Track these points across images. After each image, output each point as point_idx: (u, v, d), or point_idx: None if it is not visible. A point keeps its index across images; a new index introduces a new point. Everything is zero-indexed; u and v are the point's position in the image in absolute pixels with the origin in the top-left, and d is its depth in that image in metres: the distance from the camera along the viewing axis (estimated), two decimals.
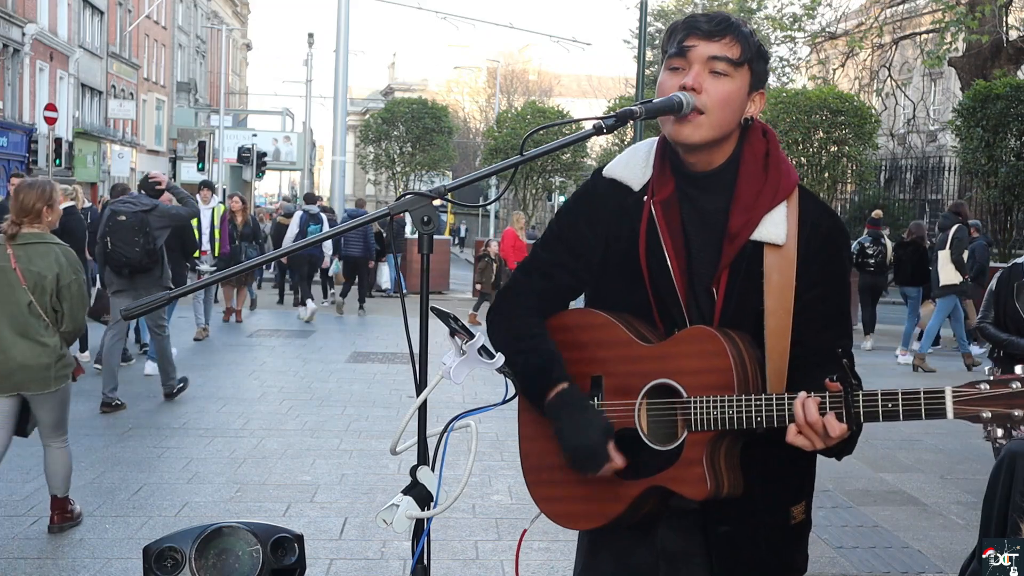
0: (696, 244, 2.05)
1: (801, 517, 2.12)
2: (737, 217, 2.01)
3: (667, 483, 1.97)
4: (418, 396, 1.90)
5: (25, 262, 4.93)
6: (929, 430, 8.27)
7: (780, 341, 1.96)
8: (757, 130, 2.09)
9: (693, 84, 1.97)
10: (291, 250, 2.09)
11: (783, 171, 2.05)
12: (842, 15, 26.13)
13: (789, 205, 2.03)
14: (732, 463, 1.98)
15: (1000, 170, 17.07)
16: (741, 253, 2.01)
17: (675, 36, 2.02)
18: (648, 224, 2.07)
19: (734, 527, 2.05)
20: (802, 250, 2.00)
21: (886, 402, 1.78)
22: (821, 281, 2.01)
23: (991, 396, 1.71)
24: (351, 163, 40.91)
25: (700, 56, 1.98)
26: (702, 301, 2.04)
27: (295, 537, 2.28)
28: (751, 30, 2.03)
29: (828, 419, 1.81)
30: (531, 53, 59.72)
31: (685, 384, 1.96)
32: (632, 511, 2.04)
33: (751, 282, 2.00)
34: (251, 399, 8.88)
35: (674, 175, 2.08)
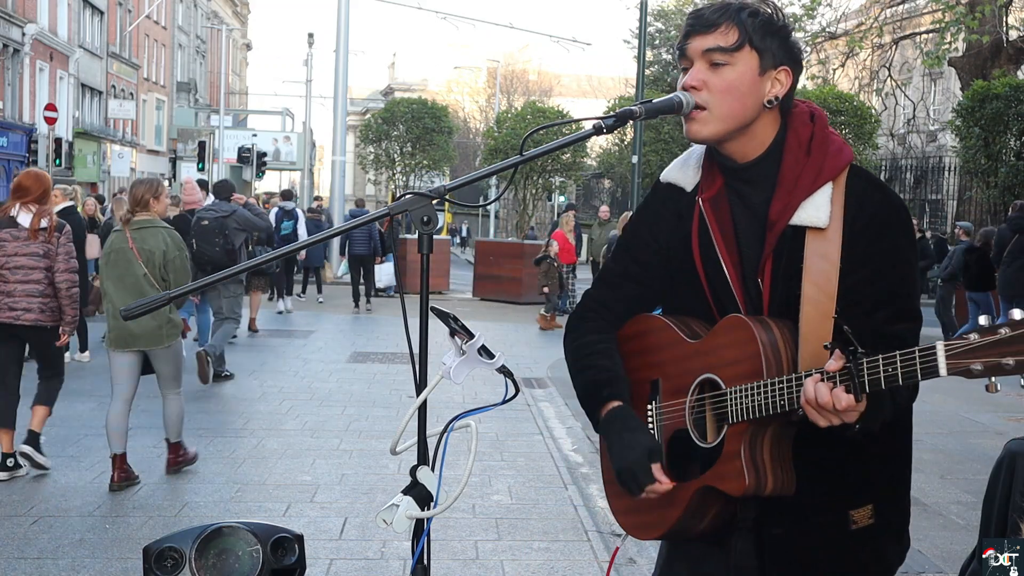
0: (745, 237, 2.02)
1: (866, 522, 2.00)
2: (777, 203, 1.97)
3: (713, 481, 1.93)
4: (418, 396, 1.90)
5: (140, 242, 6.05)
6: (929, 430, 8.27)
7: (818, 326, 1.87)
8: (804, 114, 2.03)
9: (692, 83, 1.97)
10: (292, 250, 2.09)
11: (830, 152, 1.98)
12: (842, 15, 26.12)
13: (836, 186, 1.95)
14: (779, 458, 1.91)
15: (1000, 170, 17.07)
16: (781, 240, 1.96)
17: (680, 34, 2.03)
18: (700, 222, 2.07)
19: (787, 530, 1.99)
20: (847, 231, 1.93)
21: (887, 366, 1.69)
22: (867, 261, 1.92)
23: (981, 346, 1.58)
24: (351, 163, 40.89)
25: (696, 51, 1.97)
26: (753, 295, 2.00)
27: (295, 537, 2.28)
28: (756, 9, 1.97)
29: (836, 394, 1.73)
30: (531, 53, 59.67)
31: (723, 376, 1.93)
32: (691, 515, 1.99)
33: (794, 269, 1.94)
34: (251, 399, 8.88)
35: (721, 172, 2.06)
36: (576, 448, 7.40)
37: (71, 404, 8.22)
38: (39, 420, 6.23)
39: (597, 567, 4.87)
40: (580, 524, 5.50)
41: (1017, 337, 1.55)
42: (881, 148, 24.37)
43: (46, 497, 5.69)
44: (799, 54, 2.03)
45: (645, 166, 20.87)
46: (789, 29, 2.01)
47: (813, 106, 2.08)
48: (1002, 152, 17.32)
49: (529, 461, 6.88)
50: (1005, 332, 1.56)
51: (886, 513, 2.04)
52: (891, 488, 2.06)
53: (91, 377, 9.58)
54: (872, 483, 2.02)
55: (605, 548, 5.11)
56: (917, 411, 2.09)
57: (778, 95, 1.99)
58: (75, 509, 5.50)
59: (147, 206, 6.18)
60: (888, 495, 2.05)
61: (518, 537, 5.28)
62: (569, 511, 5.75)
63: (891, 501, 2.06)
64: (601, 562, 4.91)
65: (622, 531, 2.20)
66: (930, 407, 9.20)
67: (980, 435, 8.29)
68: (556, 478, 6.47)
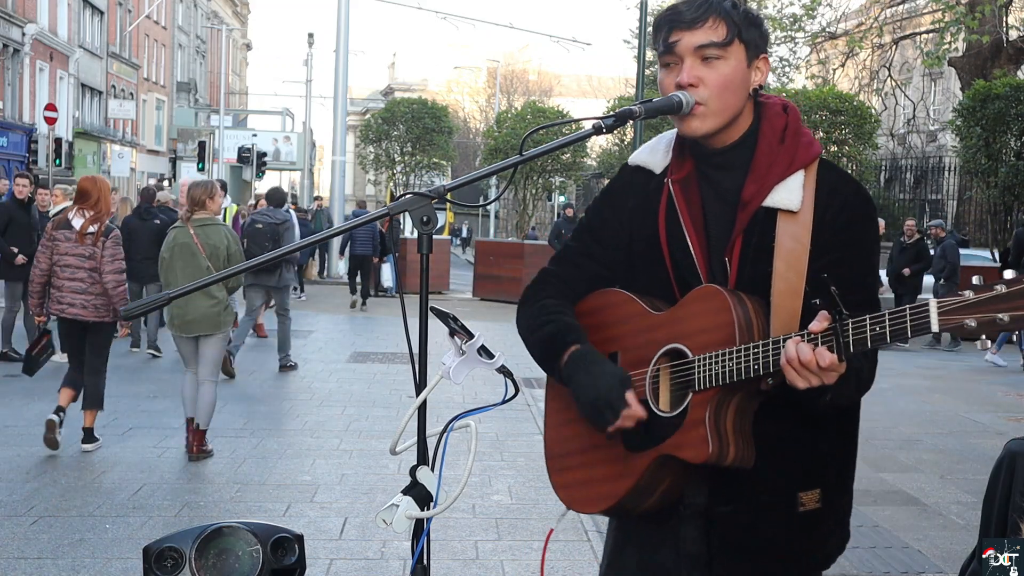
0: (713, 219, 2.04)
1: (813, 506, 2.02)
2: (750, 186, 2.00)
3: (672, 450, 1.93)
4: (418, 396, 1.90)
5: (203, 237, 6.73)
6: (929, 430, 8.27)
7: (789, 301, 1.91)
8: (777, 106, 2.07)
9: (688, 80, 1.97)
10: (292, 250, 2.09)
11: (802, 143, 2.02)
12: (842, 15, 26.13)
13: (807, 174, 2.00)
14: (741, 429, 1.92)
15: (1000, 170, 17.06)
16: (753, 220, 1.99)
17: (660, 33, 2.01)
18: (667, 202, 2.08)
19: (735, 507, 2.00)
20: (818, 217, 1.97)
21: (874, 325, 1.71)
22: (835, 248, 1.97)
23: (975, 302, 1.60)
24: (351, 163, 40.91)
25: (687, 48, 1.97)
26: (718, 274, 2.02)
27: (295, 537, 2.28)
28: (734, 1, 1.99)
29: (819, 351, 1.75)
30: (531, 53, 59.67)
31: (691, 345, 1.94)
32: (643, 489, 1.99)
33: (764, 249, 1.97)
34: (251, 399, 8.88)
35: (692, 156, 2.08)
36: None
37: (71, 404, 8.21)
38: (91, 419, 6.85)
39: (597, 567, 4.86)
40: (580, 524, 5.49)
41: (1013, 294, 1.58)
42: (881, 148, 24.36)
43: (46, 497, 5.69)
44: (769, 39, 2.09)
45: None
46: (761, 18, 2.06)
47: (785, 100, 2.12)
48: (1002, 152, 17.31)
49: (529, 461, 6.88)
50: (1001, 288, 1.59)
51: (832, 499, 2.06)
52: (838, 475, 2.09)
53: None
54: (822, 468, 2.05)
55: None
56: (917, 411, 2.11)
57: (760, 83, 2.04)
58: (75, 509, 5.50)
59: (204, 206, 6.89)
60: (835, 482, 2.08)
61: (518, 537, 5.28)
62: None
63: (838, 488, 2.08)
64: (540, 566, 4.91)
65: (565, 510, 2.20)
66: (930, 407, 9.20)
67: (980, 435, 8.28)
68: None
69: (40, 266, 6.72)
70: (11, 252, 10.31)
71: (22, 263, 10.36)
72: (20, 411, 7.96)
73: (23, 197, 10.71)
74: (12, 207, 10.63)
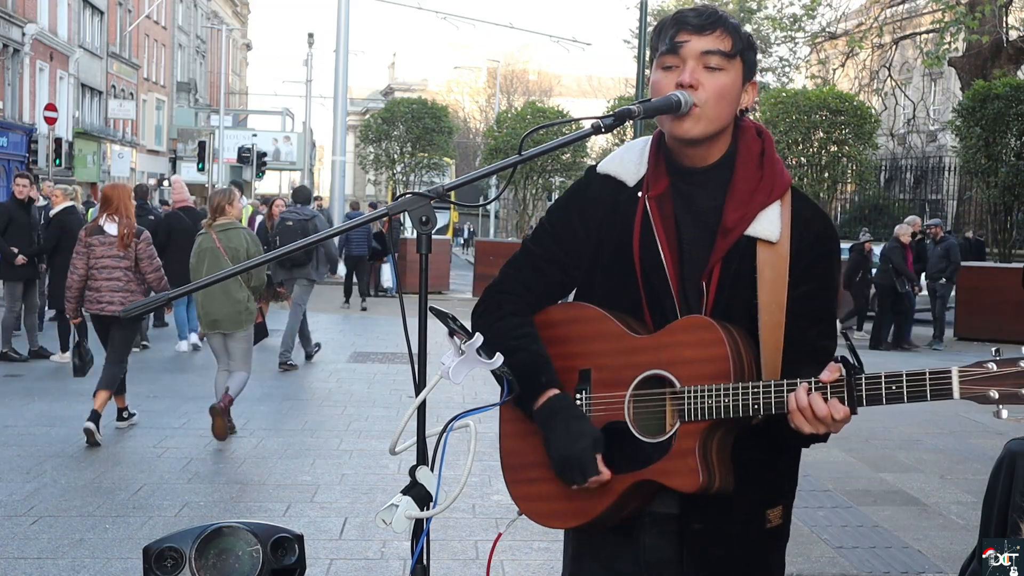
0: (687, 239, 2.04)
1: (778, 522, 2.09)
2: (732, 212, 2.01)
3: (657, 476, 1.94)
4: (417, 396, 1.90)
5: (225, 241, 7.24)
6: (929, 430, 8.27)
7: (774, 334, 1.96)
8: (751, 130, 2.09)
9: (691, 81, 1.96)
10: (290, 250, 2.09)
11: (777, 171, 2.06)
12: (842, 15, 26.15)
13: (783, 204, 2.03)
14: (724, 458, 1.96)
15: (1000, 170, 17.06)
16: (734, 248, 2.00)
17: (665, 33, 2.01)
18: (643, 219, 2.07)
19: (708, 526, 2.02)
20: (794, 247, 2.01)
21: (890, 384, 1.76)
22: (809, 279, 2.02)
23: (999, 376, 1.66)
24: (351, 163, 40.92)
25: (693, 51, 1.97)
26: (691, 296, 2.02)
27: (295, 537, 2.27)
28: (736, 22, 2.03)
29: (833, 404, 1.80)
30: (531, 53, 59.69)
31: (679, 374, 1.93)
32: (617, 508, 2.00)
33: (743, 277, 1.99)
34: (251, 399, 8.88)
35: (669, 172, 2.08)
36: None
37: (71, 404, 8.22)
38: (101, 402, 7.05)
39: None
40: None
41: None
42: (881, 148, 24.35)
43: (47, 497, 5.69)
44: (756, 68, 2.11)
45: None
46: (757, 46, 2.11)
47: (759, 124, 2.14)
48: (1002, 152, 17.31)
49: None
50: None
51: (787, 516, 2.15)
52: (791, 490, 2.17)
53: (91, 378, 9.56)
54: (783, 485, 2.13)
55: None
56: (917, 411, 2.12)
57: (747, 106, 2.06)
58: (75, 509, 5.50)
59: (223, 211, 7.45)
60: (790, 498, 2.16)
61: (518, 537, 5.28)
62: None
63: (790, 504, 2.17)
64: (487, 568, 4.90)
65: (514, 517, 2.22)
66: (930, 407, 9.20)
67: (980, 435, 8.28)
68: None
69: (78, 271, 7.21)
70: (11, 252, 10.31)
71: (22, 263, 10.37)
72: (20, 411, 7.96)
73: (23, 197, 10.70)
74: (12, 207, 10.63)
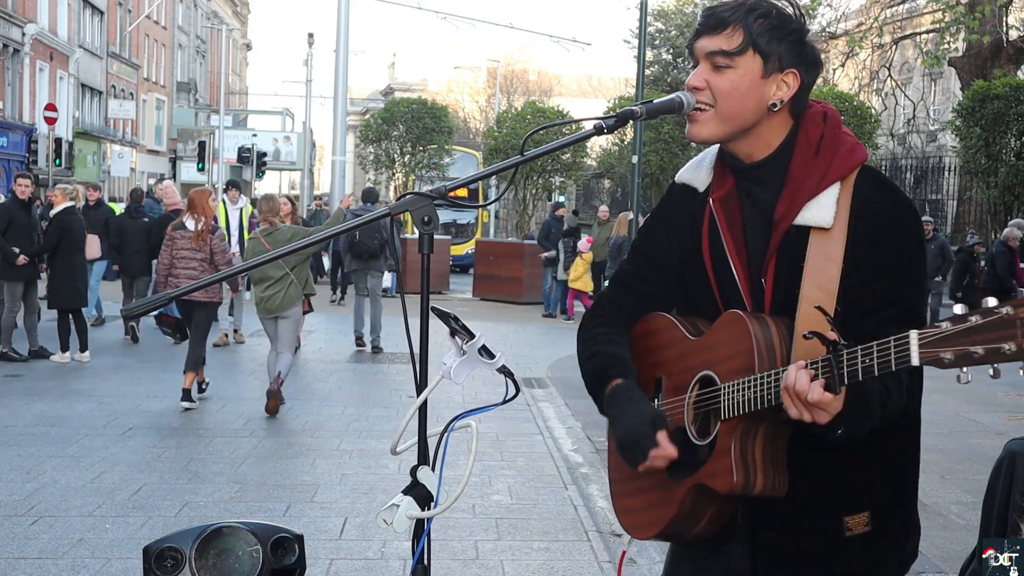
0: (753, 237, 2.02)
1: (861, 529, 1.95)
2: (782, 203, 1.97)
3: (704, 479, 1.91)
4: (418, 396, 1.90)
5: (273, 244, 8.21)
6: (929, 430, 8.23)
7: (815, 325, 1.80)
8: (817, 114, 2.02)
9: (695, 83, 1.97)
10: (289, 250, 2.09)
11: (839, 152, 1.97)
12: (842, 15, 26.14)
13: (844, 186, 1.94)
14: (772, 459, 1.89)
15: (1000, 170, 17.07)
16: (785, 240, 1.96)
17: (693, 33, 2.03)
18: (710, 221, 2.07)
19: (779, 534, 1.96)
20: (851, 231, 1.91)
21: (864, 357, 1.65)
22: (867, 262, 1.90)
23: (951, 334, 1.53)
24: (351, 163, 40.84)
25: (702, 52, 1.97)
26: (759, 294, 2.00)
27: (295, 537, 2.27)
28: (767, 10, 1.94)
29: (813, 385, 1.70)
30: (531, 53, 59.64)
31: (719, 372, 1.92)
32: (687, 516, 1.97)
33: (796, 268, 1.93)
34: (251, 399, 8.88)
35: (732, 172, 2.06)
36: (576, 448, 7.40)
37: (71, 404, 8.22)
38: (189, 380, 8.30)
39: (597, 567, 4.87)
40: (580, 524, 5.50)
41: (987, 325, 1.50)
42: (881, 148, 24.37)
43: (46, 497, 5.69)
44: (813, 56, 1.99)
45: (645, 166, 20.86)
46: (804, 31, 1.98)
47: (828, 106, 2.06)
48: (1002, 152, 17.32)
49: (529, 461, 6.88)
50: (975, 320, 1.51)
51: (884, 521, 1.99)
52: (892, 495, 2.01)
53: (91, 378, 9.58)
54: (870, 489, 1.98)
55: (605, 548, 5.11)
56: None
57: (783, 98, 1.96)
58: (75, 509, 5.50)
59: (274, 214, 8.64)
60: (888, 502, 2.00)
61: (518, 537, 5.28)
62: (569, 511, 5.75)
63: (891, 508, 2.01)
64: (601, 562, 4.91)
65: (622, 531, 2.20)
66: (930, 407, 9.16)
67: (980, 435, 8.28)
68: (556, 478, 6.47)
69: (164, 260, 8.49)
70: (12, 252, 10.32)
71: (23, 263, 10.38)
72: (20, 411, 7.96)
73: (24, 197, 10.71)
74: (13, 207, 10.63)
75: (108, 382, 9.38)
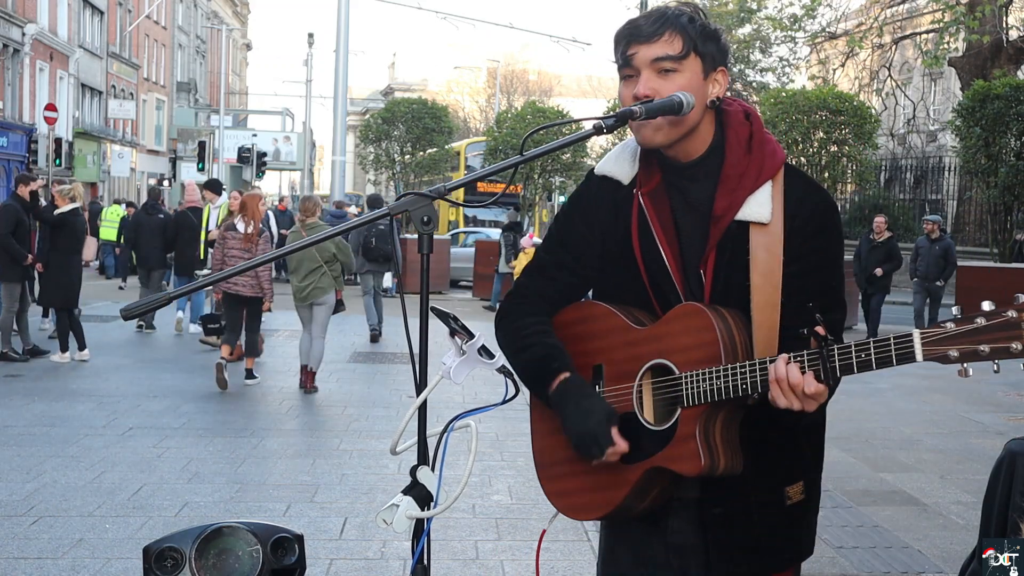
0: (685, 230, 2.08)
1: (798, 497, 2.11)
2: (721, 199, 2.04)
3: (664, 462, 1.98)
4: (418, 396, 1.90)
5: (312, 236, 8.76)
6: (929, 430, 8.27)
7: (768, 315, 1.97)
8: (739, 113, 2.10)
9: (644, 91, 1.99)
10: (288, 251, 2.09)
11: (767, 151, 2.06)
12: (842, 15, 26.15)
13: (775, 184, 2.05)
14: (729, 439, 1.98)
15: (1000, 170, 17.05)
16: (726, 234, 2.03)
17: (619, 46, 2.05)
18: (639, 215, 2.11)
19: (728, 508, 2.06)
20: (787, 226, 2.02)
21: (859, 352, 1.78)
22: (803, 256, 2.02)
23: (957, 334, 1.69)
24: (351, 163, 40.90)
25: (644, 60, 2.00)
26: (694, 284, 2.06)
27: (295, 537, 2.28)
28: (692, 15, 2.02)
29: (807, 378, 1.82)
30: (531, 53, 59.66)
31: (676, 361, 1.98)
32: (636, 496, 2.04)
33: (737, 261, 2.02)
34: (251, 399, 8.88)
35: (660, 167, 2.12)
36: None
37: (71, 404, 8.23)
38: (250, 363, 9.52)
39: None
40: (580, 524, 5.49)
41: (992, 326, 1.67)
42: (881, 148, 24.35)
43: (46, 497, 5.69)
44: (728, 52, 2.11)
45: None
46: (720, 31, 2.09)
47: (746, 105, 2.15)
48: (1002, 152, 17.30)
49: (529, 461, 6.82)
50: (981, 322, 1.68)
51: (812, 489, 2.16)
52: (815, 465, 2.18)
53: (91, 377, 9.59)
54: (802, 460, 2.14)
55: None
56: (917, 411, 2.12)
57: (719, 95, 2.07)
58: (75, 509, 5.50)
59: (312, 213, 9.60)
60: (813, 472, 2.17)
61: (518, 537, 5.28)
62: None
63: (815, 477, 2.18)
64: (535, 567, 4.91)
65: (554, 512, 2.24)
66: (930, 407, 9.20)
67: (980, 435, 8.28)
68: None
69: (216, 257, 9.42)
70: (23, 253, 10.39)
71: (28, 264, 10.50)
72: (20, 411, 7.96)
73: (27, 196, 10.75)
74: (20, 209, 10.65)
75: (108, 382, 9.38)
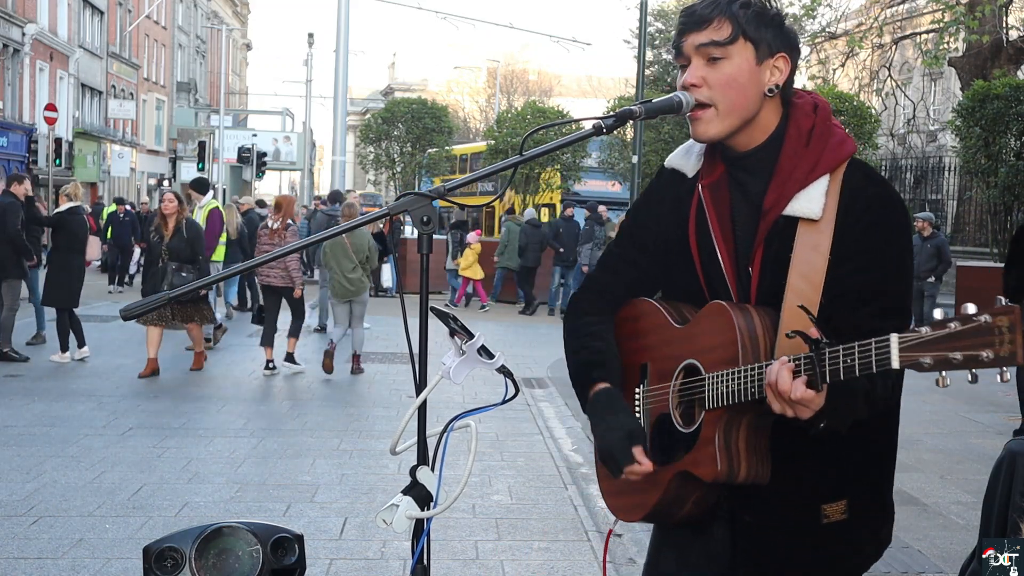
0: (741, 225, 2.03)
1: (839, 517, 1.99)
2: (772, 193, 1.97)
3: (688, 466, 1.94)
4: (418, 396, 1.90)
5: (352, 237, 10.05)
6: (929, 430, 8.26)
7: (798, 318, 1.82)
8: (807, 105, 2.03)
9: (691, 81, 1.96)
10: (287, 251, 2.09)
11: (829, 144, 1.98)
12: (842, 15, 26.13)
13: (833, 178, 1.95)
14: (755, 447, 1.91)
15: (1000, 170, 17.05)
16: (773, 230, 1.96)
17: (675, 35, 2.03)
18: (697, 207, 2.07)
19: (757, 518, 2.00)
20: (839, 223, 1.92)
21: (845, 357, 1.66)
22: (856, 254, 1.90)
23: (931, 339, 1.56)
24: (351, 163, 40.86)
25: (692, 47, 1.97)
26: (745, 282, 2.00)
27: (295, 537, 2.28)
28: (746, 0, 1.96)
29: (796, 383, 1.71)
30: (531, 53, 59.65)
31: (704, 362, 1.94)
32: (671, 499, 2.00)
33: (782, 260, 1.94)
34: (251, 399, 8.88)
35: (723, 159, 2.06)
36: (576, 448, 7.40)
37: (71, 404, 8.22)
38: (291, 344, 10.30)
39: (597, 567, 4.87)
40: (580, 524, 5.50)
41: (965, 332, 1.53)
42: (881, 148, 24.33)
43: (46, 497, 5.69)
44: (795, 40, 2.02)
45: (645, 166, 20.85)
46: (782, 17, 2.02)
47: (818, 97, 2.07)
48: (1002, 152, 17.29)
49: (529, 461, 6.88)
50: (954, 326, 1.55)
51: (861, 509, 2.02)
52: (870, 484, 2.05)
53: (91, 377, 9.58)
54: (848, 478, 2.00)
55: None
56: (917, 411, 2.10)
57: (778, 83, 1.99)
58: (75, 509, 5.49)
59: (351, 215, 10.57)
60: (865, 491, 2.04)
61: (518, 537, 5.28)
62: (569, 511, 5.75)
63: (868, 497, 2.04)
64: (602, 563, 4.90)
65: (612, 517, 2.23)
66: (930, 407, 9.20)
67: (980, 435, 8.28)
68: (556, 478, 6.47)
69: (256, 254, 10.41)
70: (30, 250, 10.44)
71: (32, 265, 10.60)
72: (20, 411, 7.96)
73: (24, 197, 10.75)
74: (22, 207, 10.66)
75: (108, 382, 9.38)
